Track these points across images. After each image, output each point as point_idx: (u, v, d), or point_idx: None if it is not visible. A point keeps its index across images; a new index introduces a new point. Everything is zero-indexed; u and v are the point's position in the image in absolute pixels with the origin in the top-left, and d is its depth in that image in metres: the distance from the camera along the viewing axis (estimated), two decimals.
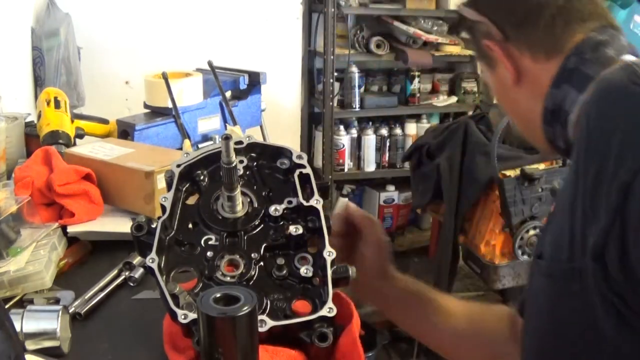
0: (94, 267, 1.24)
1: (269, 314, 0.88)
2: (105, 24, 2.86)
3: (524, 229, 2.11)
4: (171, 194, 0.97)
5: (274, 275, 0.93)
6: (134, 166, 1.39)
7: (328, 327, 0.86)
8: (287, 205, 0.98)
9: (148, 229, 0.93)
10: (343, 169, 3.27)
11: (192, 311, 0.84)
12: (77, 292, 1.12)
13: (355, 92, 3.20)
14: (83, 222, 1.34)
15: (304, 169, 1.01)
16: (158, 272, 0.88)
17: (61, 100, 1.80)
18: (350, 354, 0.87)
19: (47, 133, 1.70)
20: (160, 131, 1.93)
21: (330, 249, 0.91)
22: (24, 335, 0.93)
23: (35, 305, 1.06)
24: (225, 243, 0.95)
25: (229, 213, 0.97)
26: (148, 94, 2.05)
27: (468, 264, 2.38)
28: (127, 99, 2.75)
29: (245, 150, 1.04)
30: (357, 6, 3.13)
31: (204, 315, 0.73)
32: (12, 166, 1.64)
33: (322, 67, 3.14)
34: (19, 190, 1.34)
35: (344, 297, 0.96)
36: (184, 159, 1.01)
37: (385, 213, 3.40)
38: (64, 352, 0.95)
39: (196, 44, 2.96)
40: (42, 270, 1.11)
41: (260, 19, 3.14)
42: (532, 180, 2.08)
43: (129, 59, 2.88)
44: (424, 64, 3.26)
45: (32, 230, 1.24)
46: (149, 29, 2.93)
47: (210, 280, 0.91)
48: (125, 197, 1.41)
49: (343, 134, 3.23)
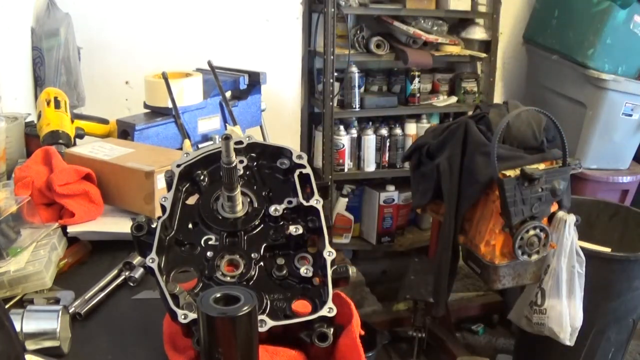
0: (94, 267, 1.24)
1: (269, 314, 0.88)
2: (105, 24, 2.86)
3: (524, 229, 2.11)
4: (171, 194, 0.97)
5: (274, 275, 0.93)
6: (134, 166, 1.39)
7: (328, 327, 0.86)
8: (287, 205, 0.98)
9: (148, 229, 0.93)
10: (343, 169, 3.27)
11: (192, 311, 0.84)
12: (77, 292, 1.12)
13: (355, 92, 3.20)
14: (83, 222, 1.34)
15: (304, 169, 1.01)
16: (158, 272, 0.88)
17: (61, 100, 1.81)
18: (350, 354, 0.87)
19: (47, 133, 1.70)
20: (160, 131, 1.93)
21: (330, 249, 0.91)
22: (24, 335, 0.93)
23: (35, 305, 1.06)
24: (225, 243, 0.95)
25: (229, 213, 0.97)
26: (148, 94, 2.05)
27: (468, 264, 2.38)
28: (127, 99, 2.75)
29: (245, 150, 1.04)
30: (357, 6, 3.13)
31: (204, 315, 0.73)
32: (12, 166, 1.64)
33: (322, 67, 3.14)
34: (19, 190, 1.34)
35: (344, 297, 0.96)
36: (184, 159, 1.01)
37: (385, 213, 3.40)
38: (64, 352, 0.95)
39: (196, 44, 2.96)
40: (42, 270, 1.11)
41: (260, 19, 3.14)
42: (532, 180, 2.08)
43: (129, 59, 2.88)
44: (424, 64, 3.26)
45: (32, 230, 1.24)
46: (149, 29, 2.93)
47: (210, 280, 0.91)
48: (125, 197, 1.41)
49: (343, 134, 3.23)
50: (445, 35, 3.31)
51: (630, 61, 3.05)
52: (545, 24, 3.35)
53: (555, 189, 2.13)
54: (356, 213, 3.47)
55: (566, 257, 2.19)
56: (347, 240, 3.46)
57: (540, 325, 2.27)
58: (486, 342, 3.15)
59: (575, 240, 2.19)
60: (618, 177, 3.17)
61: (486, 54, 3.36)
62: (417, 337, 2.80)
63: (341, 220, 3.40)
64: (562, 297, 2.20)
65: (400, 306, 3.23)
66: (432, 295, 2.49)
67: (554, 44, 3.26)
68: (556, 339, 2.22)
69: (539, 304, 2.27)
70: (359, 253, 3.60)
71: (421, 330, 2.79)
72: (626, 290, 2.41)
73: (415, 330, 2.80)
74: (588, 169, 3.16)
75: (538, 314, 2.28)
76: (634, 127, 3.15)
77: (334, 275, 0.90)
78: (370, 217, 3.46)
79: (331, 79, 3.10)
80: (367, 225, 3.50)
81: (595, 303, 2.35)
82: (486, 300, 3.28)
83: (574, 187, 2.62)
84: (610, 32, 2.98)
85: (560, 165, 2.22)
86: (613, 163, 3.23)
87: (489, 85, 3.44)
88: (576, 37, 3.11)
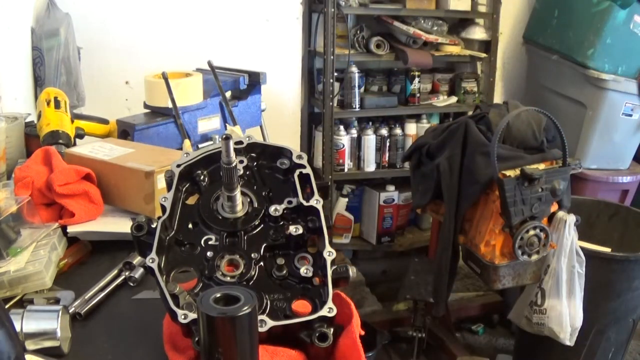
0: (94, 267, 1.24)
1: (269, 314, 0.88)
2: (105, 24, 2.86)
3: (524, 229, 2.11)
4: (171, 194, 0.97)
5: (274, 275, 0.93)
6: (134, 166, 1.39)
7: (328, 327, 0.86)
8: (287, 205, 0.98)
9: (148, 229, 0.93)
10: (343, 169, 3.27)
11: (192, 311, 0.84)
12: (77, 292, 1.12)
13: (355, 92, 3.20)
14: (83, 222, 1.34)
15: (304, 169, 1.01)
16: (158, 272, 0.88)
17: (61, 100, 1.81)
18: (350, 354, 0.87)
19: (47, 133, 1.70)
20: (160, 131, 1.93)
21: (330, 249, 0.91)
22: (24, 335, 0.93)
23: (35, 305, 1.06)
24: (225, 243, 0.95)
25: (229, 213, 0.97)
26: (148, 94, 2.05)
27: (468, 264, 2.38)
28: (127, 99, 2.75)
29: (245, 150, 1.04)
30: (357, 6, 3.12)
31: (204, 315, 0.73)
32: (12, 166, 1.64)
33: (322, 67, 3.14)
34: (19, 190, 1.34)
35: (344, 297, 0.96)
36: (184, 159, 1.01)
37: (385, 213, 3.40)
38: (64, 352, 0.95)
39: (196, 44, 2.96)
40: (42, 270, 1.11)
41: (260, 19, 3.14)
42: (532, 180, 2.08)
43: (129, 59, 2.88)
44: (424, 64, 3.26)
45: (32, 230, 1.24)
46: (149, 29, 2.93)
47: (210, 280, 0.91)
48: (125, 197, 1.41)
49: (343, 134, 3.23)
50: (445, 35, 3.31)
51: (630, 61, 3.05)
52: (545, 24, 3.35)
53: (555, 189, 2.13)
54: (356, 213, 3.47)
55: (566, 257, 2.19)
56: (347, 240, 3.46)
57: (540, 325, 2.27)
58: (486, 342, 3.15)
59: (575, 240, 2.19)
60: (618, 177, 3.17)
61: (486, 54, 3.37)
62: (417, 337, 2.79)
63: (341, 220, 3.40)
64: (562, 297, 2.20)
65: (400, 306, 3.24)
66: (432, 295, 2.49)
67: (554, 44, 3.26)
68: (556, 339, 2.22)
69: (539, 304, 2.27)
70: (359, 253, 3.60)
71: (421, 330, 2.79)
72: (626, 290, 2.41)
73: (415, 330, 2.80)
74: (588, 169, 3.16)
75: (538, 314, 2.28)
76: (634, 127, 3.15)
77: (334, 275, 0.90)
78: (370, 217, 3.46)
79: (331, 79, 3.10)
80: (367, 225, 3.50)
81: (595, 303, 2.35)
82: (486, 300, 3.28)
83: (574, 187, 2.62)
84: (610, 32, 2.98)
85: (560, 165, 2.22)
86: (613, 163, 3.23)
87: (489, 85, 3.44)
88: (576, 37, 3.11)
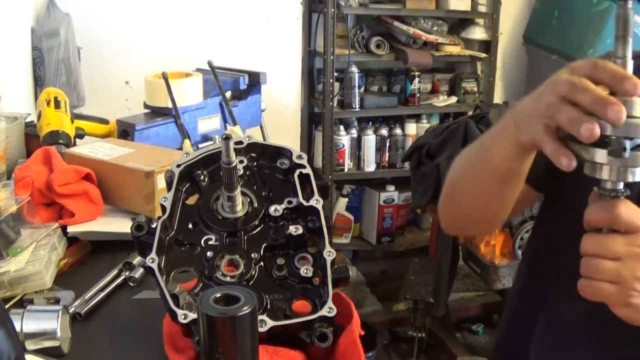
0: (94, 267, 1.24)
1: (269, 314, 0.88)
2: (105, 24, 2.86)
3: (524, 229, 2.11)
4: (171, 194, 0.97)
5: (274, 275, 0.93)
6: (134, 166, 1.39)
7: (328, 327, 0.86)
8: (287, 205, 0.98)
9: (148, 229, 0.93)
10: (343, 169, 3.27)
11: (192, 311, 0.84)
12: (77, 292, 1.12)
13: (355, 92, 3.20)
14: (83, 222, 1.34)
15: (304, 169, 1.01)
16: (158, 272, 0.88)
17: (61, 100, 1.80)
18: (350, 354, 0.87)
19: (47, 133, 1.69)
20: (160, 131, 1.93)
21: (330, 249, 0.91)
22: (24, 335, 0.93)
23: (35, 305, 1.06)
24: (225, 243, 0.95)
25: (229, 213, 0.97)
26: (148, 94, 2.05)
27: (468, 264, 2.38)
28: (127, 99, 2.75)
29: (245, 150, 1.04)
30: (357, 6, 3.13)
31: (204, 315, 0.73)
32: (12, 166, 1.64)
33: (322, 67, 3.14)
34: (19, 190, 1.34)
35: (344, 297, 0.96)
36: (184, 159, 1.01)
37: (385, 213, 3.40)
38: (64, 352, 0.95)
39: (196, 44, 2.96)
40: (42, 270, 1.11)
41: (260, 19, 3.14)
42: None
43: (129, 59, 2.88)
44: (424, 64, 3.26)
45: (32, 230, 1.24)
46: (149, 29, 2.93)
47: (210, 280, 0.91)
48: (125, 197, 1.41)
49: (343, 134, 3.23)
50: (445, 35, 3.31)
51: None
52: (545, 24, 3.35)
53: None
54: (356, 213, 3.47)
55: None
56: (347, 240, 3.46)
57: None
58: (486, 342, 3.15)
59: None
60: None
61: (486, 54, 3.37)
62: (417, 337, 2.80)
63: (341, 220, 3.40)
64: None
65: (400, 306, 3.24)
66: (432, 295, 2.49)
67: (554, 44, 3.26)
68: None
69: None
70: (359, 253, 3.60)
71: (421, 330, 2.79)
72: None
73: (415, 330, 2.80)
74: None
75: None
76: None
77: (334, 275, 0.90)
78: (370, 217, 3.46)
79: (331, 79, 3.10)
80: (367, 225, 3.50)
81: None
82: (486, 300, 3.28)
83: None
84: (611, 32, 2.98)
85: None
86: None
87: (489, 85, 3.44)
88: (576, 37, 3.11)
